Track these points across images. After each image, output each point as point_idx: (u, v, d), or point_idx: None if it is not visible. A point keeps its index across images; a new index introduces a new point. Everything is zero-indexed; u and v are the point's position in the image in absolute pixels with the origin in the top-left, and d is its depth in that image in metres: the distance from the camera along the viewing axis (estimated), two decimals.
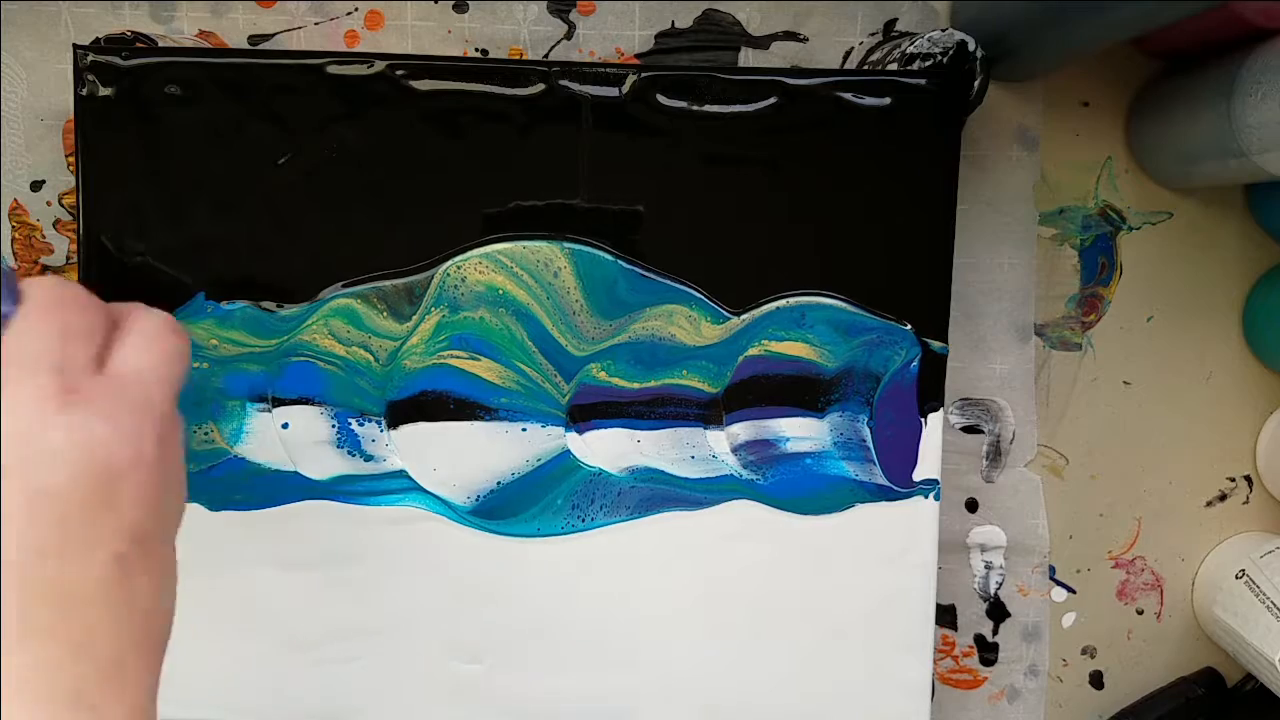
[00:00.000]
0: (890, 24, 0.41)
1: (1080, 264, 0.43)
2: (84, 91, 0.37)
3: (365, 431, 0.39)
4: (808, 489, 0.39)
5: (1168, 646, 0.45)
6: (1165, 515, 0.44)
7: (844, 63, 0.41)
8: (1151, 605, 0.45)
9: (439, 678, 0.40)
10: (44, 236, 0.41)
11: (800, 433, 0.39)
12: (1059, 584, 0.44)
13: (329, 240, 0.38)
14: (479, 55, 0.41)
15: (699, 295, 0.38)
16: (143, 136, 0.37)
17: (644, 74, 0.37)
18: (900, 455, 0.39)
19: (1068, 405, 0.43)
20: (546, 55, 0.41)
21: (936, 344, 0.39)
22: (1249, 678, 0.45)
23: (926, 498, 0.39)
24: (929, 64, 0.39)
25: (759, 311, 0.38)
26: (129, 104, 0.37)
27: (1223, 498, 0.44)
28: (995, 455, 0.43)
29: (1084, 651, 0.45)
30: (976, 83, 0.39)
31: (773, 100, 0.38)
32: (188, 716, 0.40)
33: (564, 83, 0.37)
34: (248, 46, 0.40)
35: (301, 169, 0.38)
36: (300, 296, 0.38)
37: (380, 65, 0.37)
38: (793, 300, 0.38)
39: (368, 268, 0.38)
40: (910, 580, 0.39)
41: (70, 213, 0.41)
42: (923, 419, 0.39)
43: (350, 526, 0.39)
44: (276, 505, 0.39)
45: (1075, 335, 0.43)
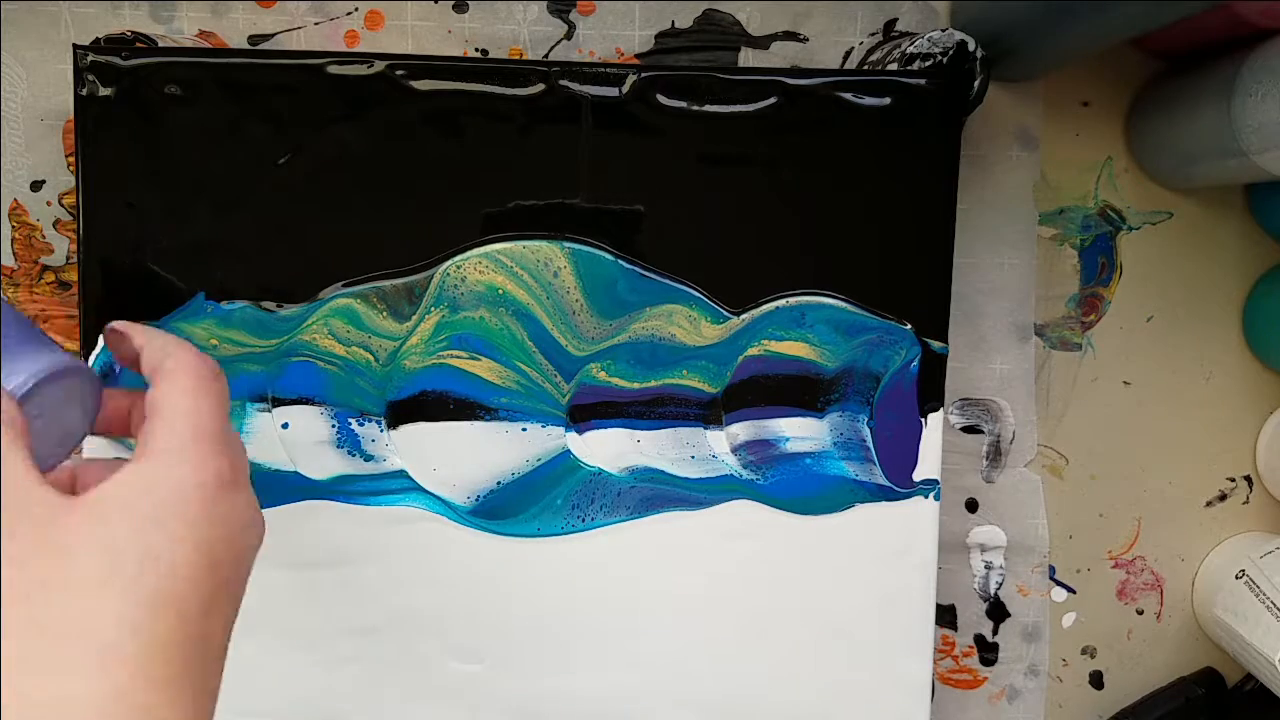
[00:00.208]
0: (890, 24, 0.41)
1: (1080, 264, 0.43)
2: (84, 91, 0.37)
3: (365, 431, 0.39)
4: (808, 489, 0.39)
5: (1168, 646, 0.45)
6: (1165, 515, 0.44)
7: (844, 63, 0.41)
8: (1151, 605, 0.45)
9: (439, 678, 0.40)
10: (44, 236, 0.41)
11: (800, 433, 0.39)
12: (1059, 584, 0.44)
13: (329, 240, 0.38)
14: (479, 55, 0.41)
15: (699, 295, 0.38)
16: (143, 136, 0.37)
17: (644, 74, 0.37)
18: (900, 455, 0.39)
19: (1068, 405, 0.43)
20: (546, 55, 0.41)
21: (936, 344, 0.39)
22: (1249, 678, 0.45)
23: (926, 498, 0.39)
24: (929, 64, 0.39)
25: (759, 311, 0.38)
26: (129, 104, 0.37)
27: (1223, 498, 0.44)
28: (995, 455, 0.43)
29: (1084, 651, 0.45)
30: (976, 83, 0.39)
31: (773, 100, 0.38)
32: None
33: (564, 83, 0.37)
34: (248, 46, 0.40)
35: (301, 169, 0.38)
36: (300, 296, 0.38)
37: (380, 65, 0.37)
38: (793, 300, 0.38)
39: (368, 268, 0.38)
40: (910, 580, 0.39)
41: (70, 213, 0.41)
42: (923, 419, 0.39)
43: (350, 526, 0.39)
44: (276, 505, 0.39)
45: (1075, 335, 0.43)
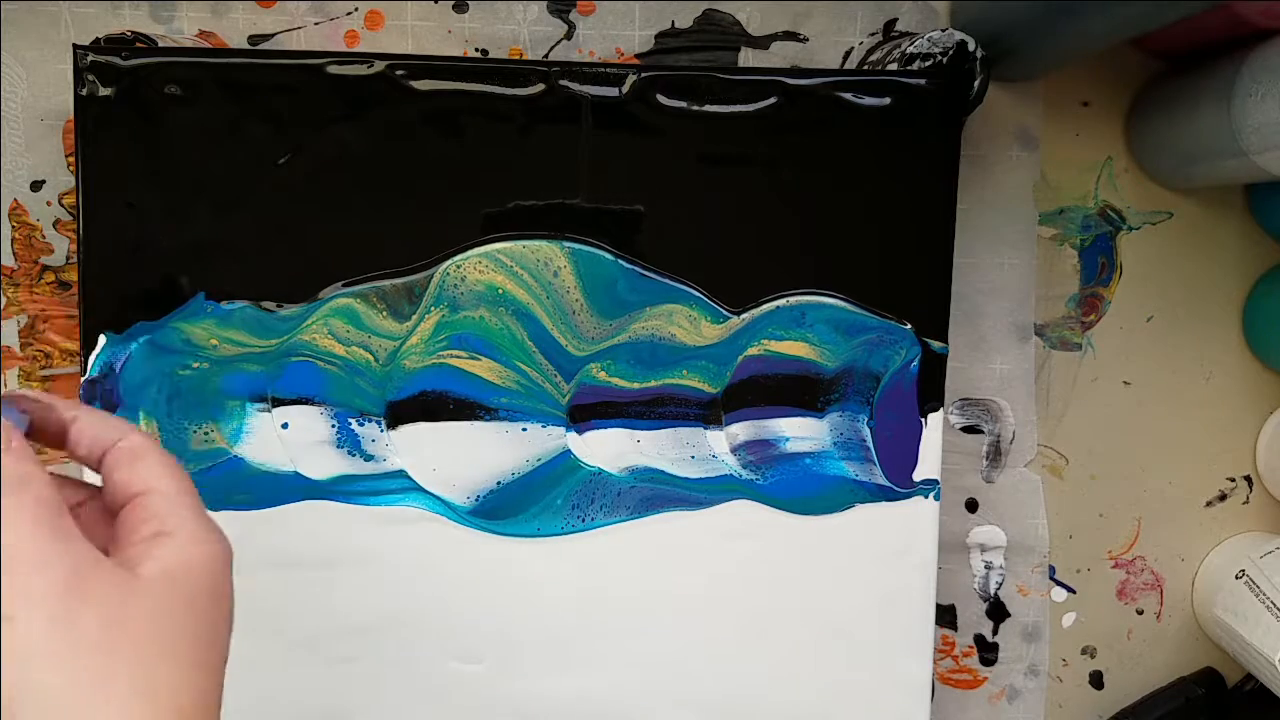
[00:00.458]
0: (890, 24, 0.41)
1: (1080, 264, 0.43)
2: (84, 91, 0.37)
3: (365, 431, 0.39)
4: (807, 489, 0.39)
5: (1168, 646, 0.45)
6: (1165, 515, 0.44)
7: (844, 63, 0.41)
8: (1151, 605, 0.45)
9: (439, 678, 0.40)
10: (44, 236, 0.41)
11: (800, 433, 0.39)
12: (1059, 584, 0.44)
13: (329, 240, 0.38)
14: (479, 55, 0.41)
15: (699, 295, 0.38)
16: (143, 136, 0.37)
17: (644, 74, 0.37)
18: (900, 455, 0.39)
19: (1068, 405, 0.43)
20: (546, 55, 0.41)
21: (936, 344, 0.39)
22: (1249, 678, 0.45)
23: (926, 498, 0.39)
24: (929, 64, 0.39)
25: (759, 311, 0.38)
26: (129, 104, 0.37)
27: (1223, 498, 0.44)
28: (995, 455, 0.43)
29: (1084, 651, 0.45)
30: (976, 83, 0.39)
31: (773, 100, 0.38)
32: None
33: (564, 83, 0.37)
34: (248, 46, 0.40)
35: (301, 169, 0.38)
36: (300, 296, 0.38)
37: (380, 65, 0.37)
38: (793, 300, 0.38)
39: (368, 267, 0.38)
40: (910, 580, 0.39)
41: (70, 213, 0.41)
42: (923, 419, 0.39)
43: (350, 526, 0.39)
44: (276, 505, 0.39)
45: (1075, 335, 0.43)
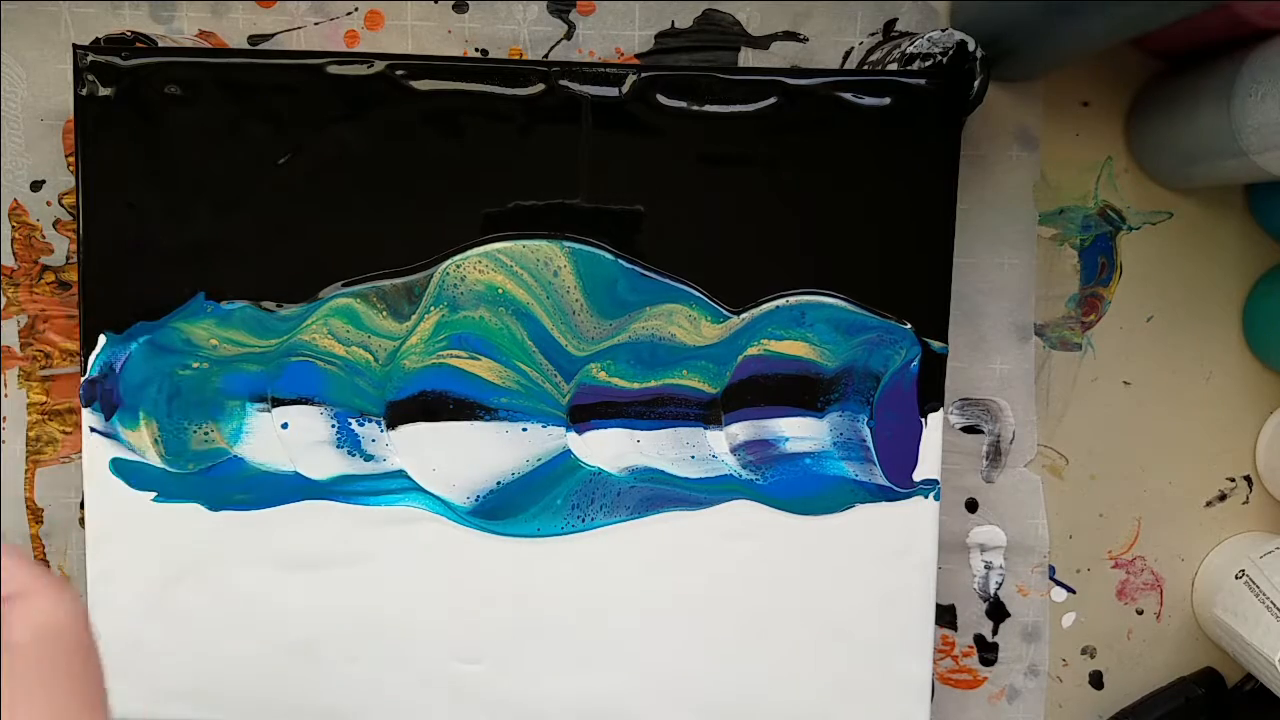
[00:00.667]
0: (890, 24, 0.41)
1: (1080, 264, 0.43)
2: (84, 91, 0.37)
3: (365, 431, 0.39)
4: (807, 489, 0.39)
5: (1168, 646, 0.45)
6: (1165, 515, 0.44)
7: (844, 63, 0.41)
8: (1151, 605, 0.45)
9: (439, 678, 0.40)
10: (44, 236, 0.41)
11: (800, 433, 0.39)
12: (1059, 584, 0.44)
13: (329, 240, 0.38)
14: (479, 55, 0.41)
15: (699, 294, 0.38)
16: (143, 136, 0.37)
17: (644, 74, 0.37)
18: (900, 455, 0.39)
19: (1068, 405, 0.43)
20: (546, 55, 0.41)
21: (936, 344, 0.39)
22: (1249, 678, 0.45)
23: (926, 498, 0.39)
24: (929, 64, 0.39)
25: (759, 310, 0.38)
26: (129, 104, 0.37)
27: (1223, 498, 0.44)
28: (995, 455, 0.43)
29: (1084, 651, 0.45)
30: (976, 83, 0.39)
31: (773, 100, 0.38)
32: (188, 716, 0.40)
33: (564, 83, 0.37)
34: (248, 46, 0.40)
35: (301, 169, 0.38)
36: (300, 296, 0.38)
37: (380, 65, 0.37)
38: (792, 299, 0.38)
39: (367, 267, 0.38)
40: (910, 580, 0.39)
41: (70, 213, 0.41)
42: (923, 419, 0.39)
43: (350, 526, 0.39)
44: (276, 505, 0.39)
45: (1075, 335, 0.43)
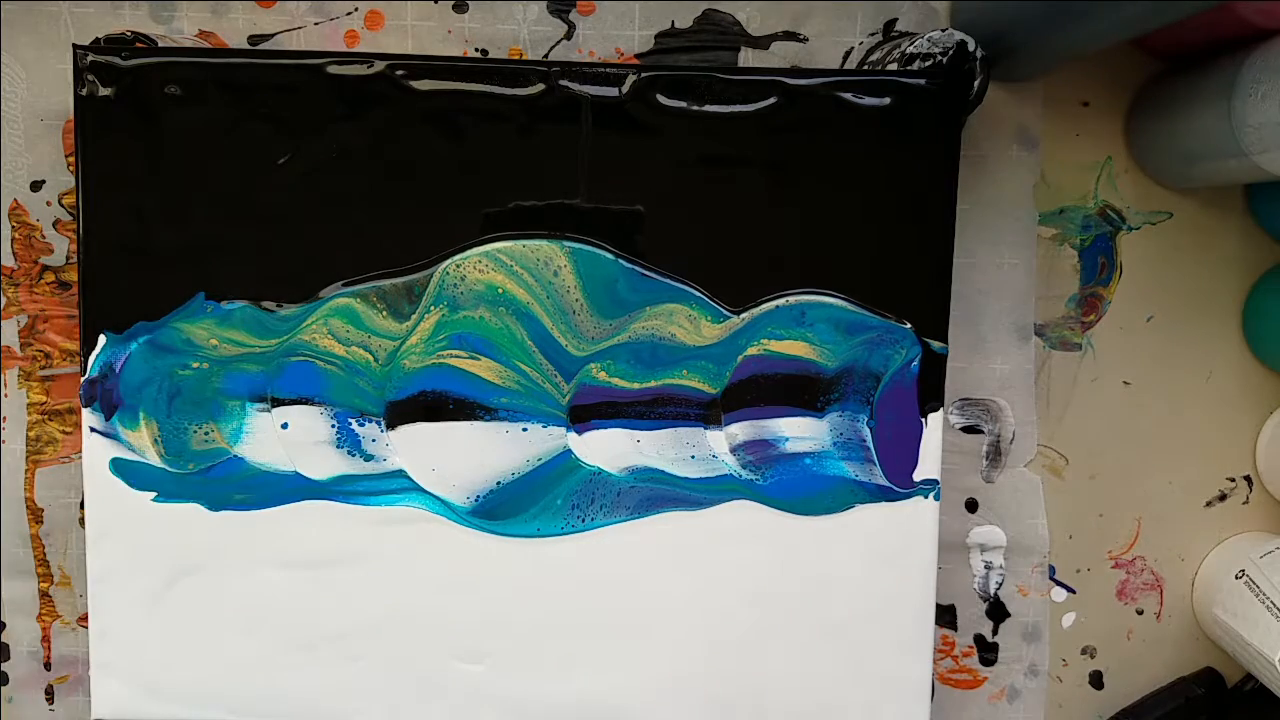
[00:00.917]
0: (890, 24, 0.41)
1: (1080, 264, 0.43)
2: (84, 91, 0.37)
3: (365, 431, 0.39)
4: (807, 489, 0.39)
5: (1168, 646, 0.45)
6: (1165, 515, 0.44)
7: (844, 63, 0.41)
8: (1151, 605, 0.45)
9: (439, 678, 0.40)
10: (44, 236, 0.41)
11: (800, 433, 0.39)
12: (1059, 584, 0.44)
13: (329, 240, 0.38)
14: (479, 55, 0.41)
15: (699, 294, 0.38)
16: (143, 136, 0.37)
17: (644, 74, 0.37)
18: (900, 455, 0.39)
19: (1068, 405, 0.43)
20: (546, 55, 0.41)
21: (937, 344, 0.39)
22: (1249, 678, 0.45)
23: (926, 498, 0.39)
24: (929, 64, 0.39)
25: (759, 310, 0.38)
26: (129, 104, 0.37)
27: (1223, 498, 0.44)
28: (995, 455, 0.43)
29: (1084, 651, 0.45)
30: (976, 83, 0.39)
31: (773, 100, 0.38)
32: (188, 716, 0.40)
33: (564, 83, 0.37)
34: (248, 46, 0.40)
35: (301, 169, 0.38)
36: (300, 296, 0.38)
37: (380, 65, 0.37)
38: (793, 299, 0.38)
39: (367, 267, 0.38)
40: (910, 580, 0.39)
41: (70, 213, 0.41)
42: (923, 419, 0.39)
43: (350, 526, 0.39)
44: (276, 505, 0.39)
45: (1075, 335, 0.43)
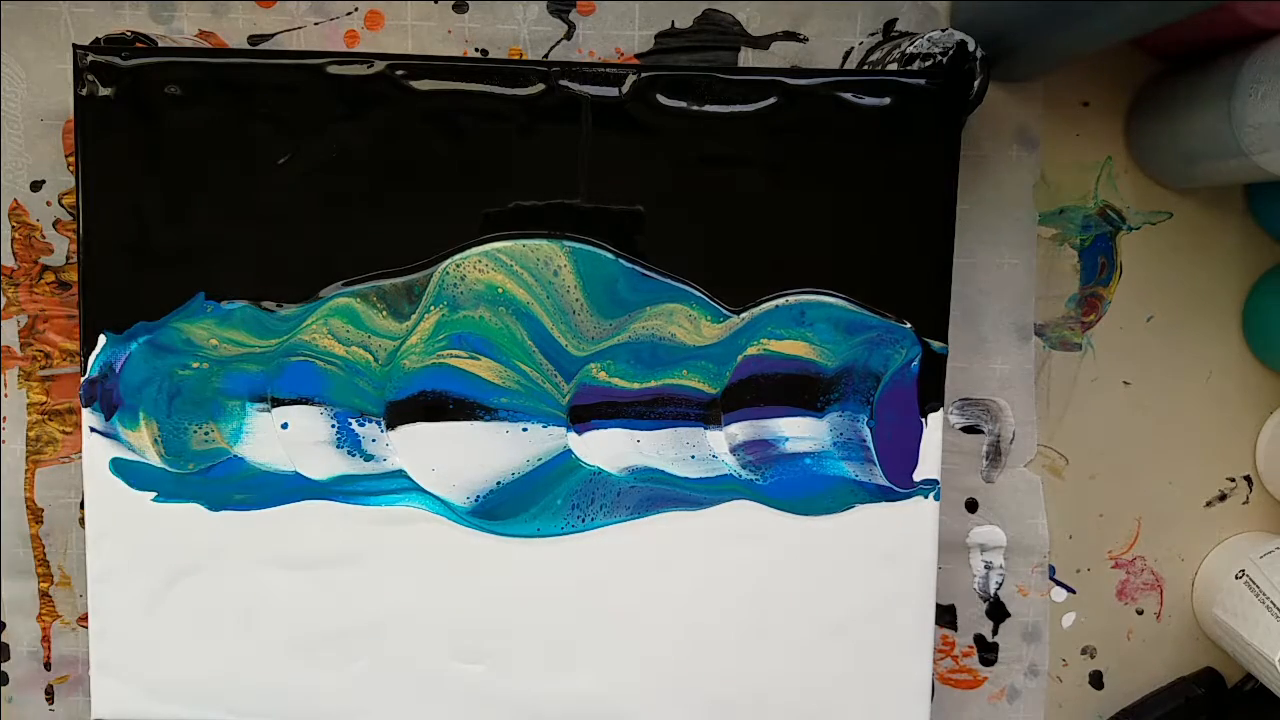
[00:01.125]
0: (890, 24, 0.41)
1: (1080, 264, 0.43)
2: (84, 91, 0.37)
3: (365, 431, 0.39)
4: (807, 489, 0.39)
5: (1168, 646, 0.45)
6: (1165, 515, 0.44)
7: (844, 63, 0.41)
8: (1151, 605, 0.45)
9: (439, 678, 0.40)
10: (44, 236, 0.41)
11: (800, 433, 0.39)
12: (1059, 584, 0.44)
13: (329, 240, 0.38)
14: (479, 55, 0.41)
15: (699, 294, 0.38)
16: (143, 136, 0.37)
17: (644, 74, 0.37)
18: (900, 455, 0.39)
19: (1068, 405, 0.43)
20: (546, 55, 0.41)
21: (937, 344, 0.39)
22: (1249, 678, 0.45)
23: (926, 498, 0.39)
24: (929, 64, 0.39)
25: (759, 310, 0.38)
26: (129, 104, 0.37)
27: (1223, 498, 0.44)
28: (995, 455, 0.43)
29: (1084, 651, 0.45)
30: (976, 83, 0.39)
31: (772, 100, 0.38)
32: (188, 716, 0.40)
33: (564, 83, 0.37)
34: (248, 46, 0.40)
35: (301, 169, 0.38)
36: (300, 296, 0.38)
37: (380, 65, 0.37)
38: (792, 299, 0.38)
39: (367, 267, 0.38)
40: (910, 580, 0.39)
41: (70, 213, 0.41)
42: (923, 419, 0.39)
43: (350, 526, 0.39)
44: (276, 505, 0.39)
45: (1075, 335, 0.43)
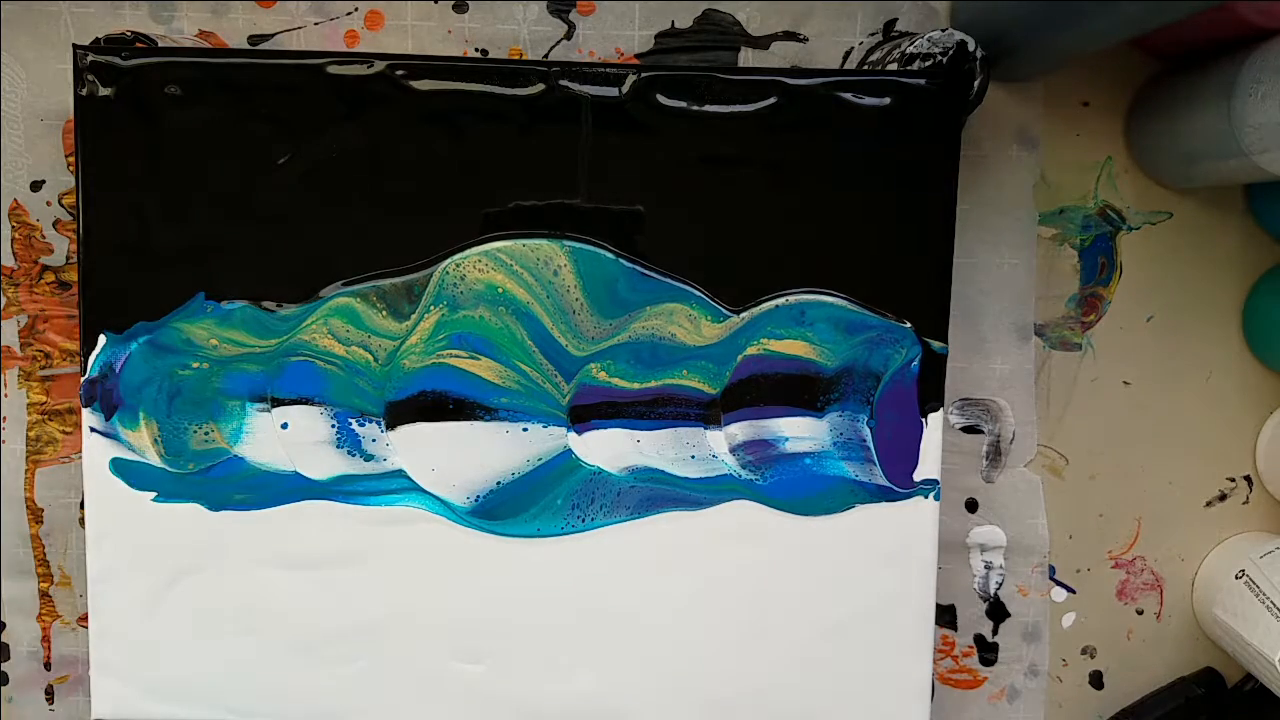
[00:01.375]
0: (890, 24, 0.41)
1: (1080, 264, 0.43)
2: (84, 91, 0.37)
3: (365, 431, 0.39)
4: (807, 489, 0.39)
5: (1168, 646, 0.45)
6: (1165, 515, 0.44)
7: (844, 63, 0.41)
8: (1151, 605, 0.45)
9: (439, 678, 0.40)
10: (44, 236, 0.41)
11: (800, 432, 0.39)
12: (1059, 584, 0.44)
13: (329, 240, 0.38)
14: (479, 55, 0.41)
15: (699, 294, 0.38)
16: (143, 136, 0.37)
17: (644, 74, 0.37)
18: (900, 455, 0.39)
19: (1068, 405, 0.43)
20: (546, 55, 0.41)
21: (936, 344, 0.39)
22: (1249, 678, 0.45)
23: (926, 498, 0.39)
24: (929, 64, 0.39)
25: (759, 310, 0.38)
26: (129, 104, 0.37)
27: (1223, 498, 0.44)
28: (995, 455, 0.43)
29: (1084, 651, 0.45)
30: (976, 83, 0.39)
31: (772, 100, 0.38)
32: (188, 716, 0.40)
33: (564, 83, 0.37)
34: (248, 46, 0.40)
35: (301, 169, 0.38)
36: (300, 296, 0.38)
37: (380, 65, 0.37)
38: (792, 298, 0.38)
39: (367, 267, 0.38)
40: (910, 580, 0.39)
41: (70, 213, 0.41)
42: (923, 419, 0.39)
43: (350, 526, 0.39)
44: (276, 505, 0.39)
45: (1075, 335, 0.43)
